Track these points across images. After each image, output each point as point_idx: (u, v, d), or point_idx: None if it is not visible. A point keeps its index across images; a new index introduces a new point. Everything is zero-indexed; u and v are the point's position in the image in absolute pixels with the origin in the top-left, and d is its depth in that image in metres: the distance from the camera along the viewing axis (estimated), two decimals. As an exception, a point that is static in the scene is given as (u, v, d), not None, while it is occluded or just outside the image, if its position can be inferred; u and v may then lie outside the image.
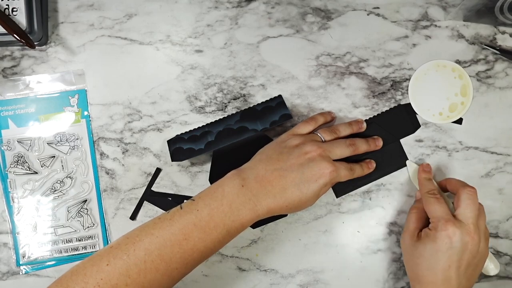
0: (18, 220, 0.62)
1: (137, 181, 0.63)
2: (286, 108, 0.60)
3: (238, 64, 0.63)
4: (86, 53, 0.63)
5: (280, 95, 0.62)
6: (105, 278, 0.46)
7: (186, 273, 0.50)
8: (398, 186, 0.63)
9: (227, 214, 0.50)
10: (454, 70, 0.58)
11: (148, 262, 0.47)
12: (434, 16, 0.63)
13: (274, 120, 0.60)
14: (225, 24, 0.63)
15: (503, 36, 0.63)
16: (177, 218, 0.50)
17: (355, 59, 0.63)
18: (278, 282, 0.63)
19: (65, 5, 0.63)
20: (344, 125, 0.60)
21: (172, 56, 0.63)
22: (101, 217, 0.63)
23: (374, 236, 0.63)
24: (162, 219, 0.50)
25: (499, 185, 0.63)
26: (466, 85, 0.58)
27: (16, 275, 0.62)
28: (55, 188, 0.62)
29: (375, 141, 0.61)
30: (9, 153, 0.62)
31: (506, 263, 0.63)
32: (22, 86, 0.62)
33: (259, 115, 0.60)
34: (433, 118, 0.59)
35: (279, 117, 0.60)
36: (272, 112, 0.60)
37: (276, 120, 0.60)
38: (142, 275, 0.47)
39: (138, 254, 0.48)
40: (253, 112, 0.61)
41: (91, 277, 0.46)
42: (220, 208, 0.50)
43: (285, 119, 0.60)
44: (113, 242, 0.50)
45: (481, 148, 0.63)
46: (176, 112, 0.63)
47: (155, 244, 0.48)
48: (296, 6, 0.63)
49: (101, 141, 0.63)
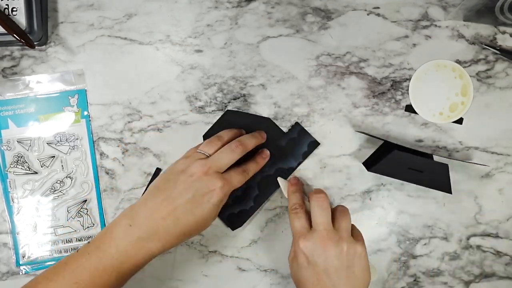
0: (18, 220, 0.62)
1: (137, 181, 0.63)
2: (309, 136, 0.62)
3: (238, 64, 0.63)
4: (86, 53, 0.63)
5: (297, 123, 0.62)
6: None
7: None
8: (398, 186, 0.63)
9: (114, 256, 0.49)
10: (455, 70, 0.58)
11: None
12: (434, 16, 0.63)
13: (304, 151, 0.62)
14: (225, 24, 0.63)
15: (503, 36, 0.63)
16: (70, 261, 0.50)
17: (355, 59, 0.63)
18: (278, 282, 0.63)
19: (65, 5, 0.63)
20: (227, 131, 0.58)
21: (172, 56, 0.63)
22: (101, 217, 0.63)
23: (374, 236, 0.63)
24: (58, 264, 0.51)
25: (499, 185, 0.63)
26: (467, 85, 0.58)
27: (16, 275, 0.62)
28: (55, 188, 0.62)
29: (260, 133, 0.59)
30: (9, 153, 0.62)
31: (506, 263, 0.63)
32: (22, 86, 0.62)
33: (287, 150, 0.62)
34: (433, 118, 0.59)
35: (307, 147, 0.62)
36: (298, 144, 0.62)
37: (306, 151, 0.62)
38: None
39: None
40: (279, 150, 0.62)
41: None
42: (108, 251, 0.50)
43: (314, 147, 0.62)
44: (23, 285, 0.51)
45: (481, 148, 0.63)
46: (176, 112, 0.63)
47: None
48: (296, 6, 0.63)
49: (101, 141, 0.63)
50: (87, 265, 0.49)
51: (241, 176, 0.55)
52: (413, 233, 0.63)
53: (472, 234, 0.63)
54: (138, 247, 0.50)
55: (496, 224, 0.63)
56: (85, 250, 0.51)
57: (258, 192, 0.61)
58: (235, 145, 0.55)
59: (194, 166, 0.52)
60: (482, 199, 0.63)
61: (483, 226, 0.63)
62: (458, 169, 0.63)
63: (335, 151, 0.63)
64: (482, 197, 0.63)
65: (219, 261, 0.63)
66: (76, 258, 0.50)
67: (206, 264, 0.63)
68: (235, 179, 0.54)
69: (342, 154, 0.63)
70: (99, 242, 0.51)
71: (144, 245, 0.50)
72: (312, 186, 0.63)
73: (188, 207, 0.51)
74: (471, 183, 0.63)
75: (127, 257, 0.50)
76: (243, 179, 0.55)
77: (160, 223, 0.50)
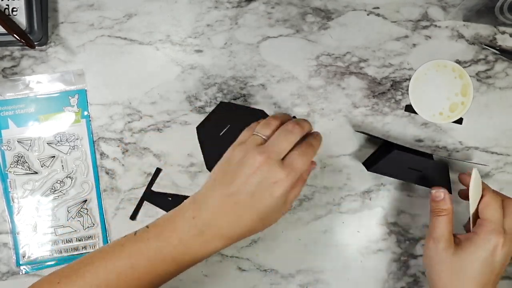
0: (18, 220, 0.62)
1: (137, 181, 0.63)
2: None
3: (238, 64, 0.63)
4: (86, 53, 0.63)
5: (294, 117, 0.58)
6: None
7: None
8: (398, 186, 0.63)
9: (176, 247, 0.47)
10: (454, 70, 0.58)
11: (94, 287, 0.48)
12: (434, 16, 0.63)
13: None
14: (225, 24, 0.63)
15: (503, 36, 0.63)
16: (128, 244, 0.49)
17: (355, 59, 0.63)
18: (278, 282, 0.63)
19: (65, 5, 0.63)
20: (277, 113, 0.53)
21: (172, 56, 0.63)
22: (101, 217, 0.63)
23: (374, 236, 0.63)
24: (114, 244, 0.49)
25: (499, 185, 0.63)
26: (467, 85, 0.58)
27: (16, 275, 0.62)
28: (55, 188, 0.62)
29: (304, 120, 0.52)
30: (9, 153, 0.62)
31: (506, 263, 0.63)
32: (22, 86, 0.62)
33: None
34: (433, 118, 0.59)
35: None
36: None
37: None
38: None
39: (87, 280, 0.48)
40: None
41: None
42: (169, 241, 0.47)
43: None
44: (72, 261, 0.50)
45: (481, 148, 0.63)
46: (176, 112, 0.63)
47: (103, 273, 0.48)
48: (296, 6, 0.63)
49: (101, 141, 0.63)
50: (145, 251, 0.47)
51: (304, 157, 0.48)
52: (413, 233, 0.63)
53: (472, 234, 0.63)
54: (201, 241, 0.47)
55: (496, 224, 0.63)
56: (144, 235, 0.48)
57: None
58: (291, 125, 0.48)
59: (251, 155, 0.47)
60: (482, 199, 0.63)
61: (483, 226, 0.63)
62: (458, 169, 0.63)
63: (335, 151, 0.63)
64: (482, 197, 0.63)
65: (219, 261, 0.63)
66: (134, 241, 0.48)
67: (206, 264, 0.63)
68: (298, 162, 0.47)
69: (342, 154, 0.63)
70: (161, 230, 0.48)
71: (206, 239, 0.47)
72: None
73: (250, 203, 0.46)
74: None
75: (189, 250, 0.48)
76: (307, 160, 0.48)
77: (223, 219, 0.47)
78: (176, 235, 0.47)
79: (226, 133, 0.61)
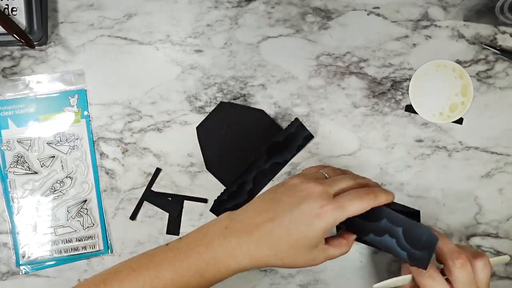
0: (18, 220, 0.62)
1: (137, 181, 0.63)
2: (306, 130, 0.61)
3: (238, 64, 0.63)
4: (85, 53, 0.63)
5: (296, 118, 0.61)
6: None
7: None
8: (398, 186, 0.63)
9: (202, 255, 0.46)
10: (455, 70, 0.58)
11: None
12: (434, 16, 0.63)
13: (298, 144, 0.61)
14: (225, 24, 0.63)
15: (503, 36, 0.63)
16: (158, 254, 0.48)
17: (355, 59, 0.63)
18: (278, 282, 0.63)
19: (65, 5, 0.63)
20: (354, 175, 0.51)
21: (172, 56, 0.63)
22: (101, 217, 0.63)
23: (374, 236, 0.63)
24: (145, 254, 0.48)
25: (499, 185, 0.63)
26: (467, 85, 0.58)
27: (16, 275, 0.62)
28: (55, 188, 0.62)
29: (391, 192, 0.49)
30: (9, 153, 0.62)
31: (506, 263, 0.63)
32: (21, 86, 0.62)
33: (284, 145, 0.61)
34: (433, 118, 0.59)
35: (302, 140, 0.61)
36: (294, 138, 0.61)
37: (300, 144, 0.61)
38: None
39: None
40: (277, 145, 0.61)
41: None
42: (197, 249, 0.46)
43: (308, 141, 0.62)
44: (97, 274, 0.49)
45: (481, 148, 0.63)
46: (176, 112, 0.63)
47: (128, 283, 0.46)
48: (296, 6, 0.63)
49: (101, 141, 0.63)
50: (173, 261, 0.46)
51: (359, 201, 0.44)
52: (413, 233, 0.63)
53: (472, 234, 0.63)
54: (227, 251, 0.46)
55: (496, 224, 0.63)
56: (174, 245, 0.47)
57: (252, 186, 0.61)
58: (365, 191, 0.46)
59: (307, 182, 0.46)
60: (482, 199, 0.63)
61: (483, 226, 0.63)
62: (458, 169, 0.63)
63: (335, 151, 0.63)
64: (482, 197, 0.63)
65: (219, 261, 0.63)
66: (164, 251, 0.47)
67: (206, 264, 0.63)
68: (351, 204, 0.44)
69: (342, 154, 0.63)
70: (191, 239, 0.47)
71: (233, 250, 0.45)
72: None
73: (285, 222, 0.44)
74: (471, 183, 0.63)
75: (214, 259, 0.46)
76: (359, 205, 0.45)
77: (254, 233, 0.45)
78: (205, 242, 0.46)
79: (226, 133, 0.61)
